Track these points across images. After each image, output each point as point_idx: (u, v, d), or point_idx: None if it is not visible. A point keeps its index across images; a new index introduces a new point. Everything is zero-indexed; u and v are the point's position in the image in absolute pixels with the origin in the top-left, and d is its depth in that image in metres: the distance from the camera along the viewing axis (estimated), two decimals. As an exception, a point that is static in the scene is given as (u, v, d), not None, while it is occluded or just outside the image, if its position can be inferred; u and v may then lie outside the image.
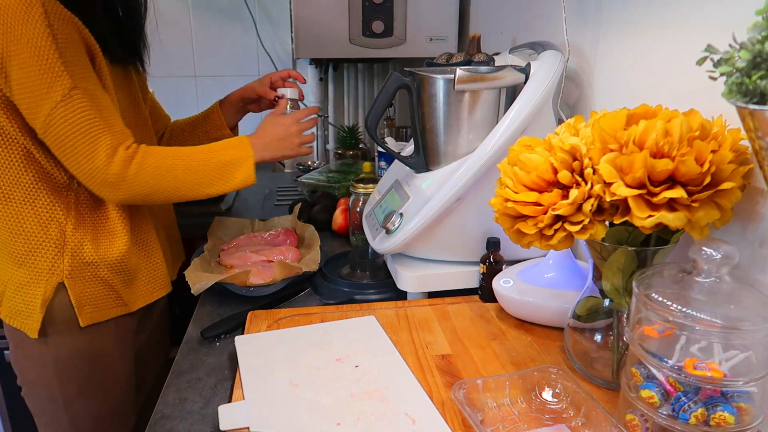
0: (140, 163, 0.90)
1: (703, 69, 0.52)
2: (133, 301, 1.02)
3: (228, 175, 0.97)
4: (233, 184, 0.97)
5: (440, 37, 1.61)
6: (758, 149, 0.52)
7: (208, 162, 0.95)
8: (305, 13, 1.53)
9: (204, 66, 2.01)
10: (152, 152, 0.92)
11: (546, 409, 0.67)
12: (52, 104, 0.84)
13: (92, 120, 0.86)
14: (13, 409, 1.54)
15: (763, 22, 0.48)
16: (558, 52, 0.94)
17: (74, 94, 0.85)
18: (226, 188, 0.97)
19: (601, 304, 0.72)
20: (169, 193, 0.94)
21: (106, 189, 0.90)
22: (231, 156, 0.97)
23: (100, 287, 0.97)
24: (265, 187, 1.81)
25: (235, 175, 0.97)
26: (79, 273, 0.95)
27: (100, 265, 0.96)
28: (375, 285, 1.06)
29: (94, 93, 0.87)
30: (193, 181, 0.94)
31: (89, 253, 0.95)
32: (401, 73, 0.95)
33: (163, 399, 0.74)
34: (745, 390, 0.54)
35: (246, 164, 0.98)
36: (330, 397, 0.70)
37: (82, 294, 0.95)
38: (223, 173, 0.96)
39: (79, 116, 0.85)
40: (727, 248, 0.55)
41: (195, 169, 0.94)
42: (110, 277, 0.98)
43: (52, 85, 0.83)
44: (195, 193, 0.95)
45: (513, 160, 0.68)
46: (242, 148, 0.99)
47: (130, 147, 0.90)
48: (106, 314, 0.99)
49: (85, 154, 0.87)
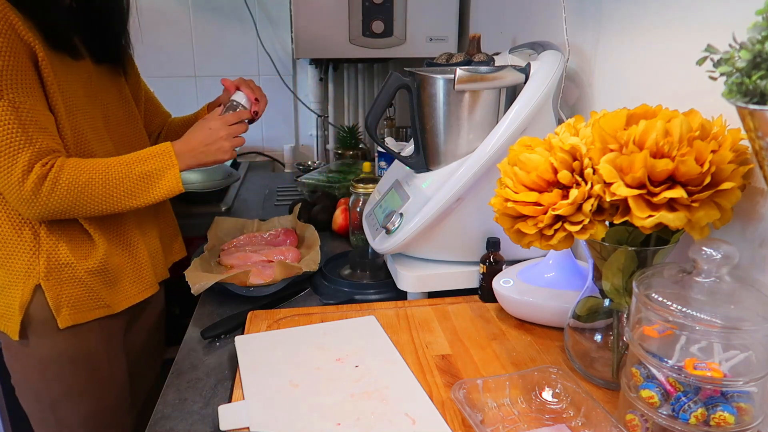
0: (54, 179, 0.87)
1: (703, 69, 0.52)
2: (117, 302, 1.01)
3: (151, 187, 0.94)
4: (158, 195, 0.95)
5: (440, 37, 1.61)
6: (758, 149, 0.52)
7: (129, 174, 0.93)
8: (305, 13, 1.53)
9: (204, 66, 2.01)
10: (68, 168, 0.88)
11: (546, 409, 0.67)
12: None
13: (12, 134, 0.84)
14: (13, 409, 1.54)
15: (763, 22, 0.48)
16: (558, 52, 0.94)
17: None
18: (150, 199, 0.95)
19: (601, 304, 0.72)
20: (89, 208, 0.91)
21: (22, 205, 0.87)
22: (153, 166, 0.94)
23: (79, 289, 0.96)
24: (265, 187, 1.81)
25: (159, 185, 0.95)
26: (56, 275, 0.94)
27: (77, 267, 0.95)
28: (375, 285, 1.06)
29: (21, 106, 0.84)
30: (111, 195, 0.92)
31: (65, 254, 0.94)
32: (401, 73, 0.95)
33: (163, 399, 0.74)
34: (745, 390, 0.54)
35: (169, 174, 0.95)
36: (330, 397, 0.70)
37: (59, 296, 0.94)
38: (146, 185, 0.94)
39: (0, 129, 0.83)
40: (727, 248, 0.55)
41: (114, 182, 0.91)
42: (89, 279, 0.96)
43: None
44: (117, 206, 0.93)
45: (513, 160, 0.68)
46: (165, 157, 0.96)
47: (48, 163, 0.87)
48: (87, 316, 0.97)
49: (3, 167, 0.85)
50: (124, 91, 1.09)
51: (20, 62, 0.84)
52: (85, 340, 0.99)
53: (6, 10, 0.82)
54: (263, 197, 1.71)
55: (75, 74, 0.95)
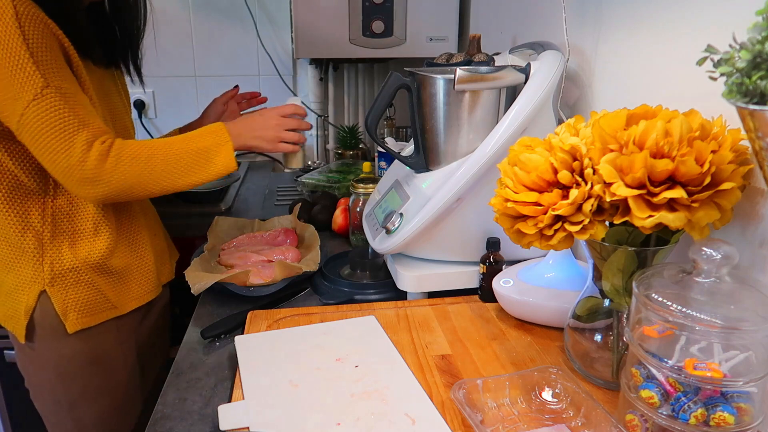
0: (117, 155, 0.87)
1: (703, 69, 0.52)
2: (125, 303, 1.02)
3: (207, 162, 0.94)
4: (214, 171, 0.95)
5: (440, 37, 1.61)
6: (758, 149, 0.52)
7: (187, 150, 0.93)
8: (305, 13, 1.53)
9: (204, 66, 2.01)
10: (129, 144, 0.90)
11: (546, 409, 0.67)
12: (25, 103, 0.83)
13: (66, 117, 0.85)
14: (13, 409, 1.54)
15: (763, 22, 0.48)
16: (558, 52, 0.94)
17: (47, 93, 0.83)
18: (207, 176, 0.95)
19: (601, 304, 0.72)
20: (150, 186, 0.91)
21: (85, 186, 0.87)
22: (208, 142, 0.95)
23: (86, 291, 0.96)
24: (265, 187, 1.81)
25: (215, 161, 0.95)
26: (61, 280, 0.94)
27: (82, 270, 0.95)
28: (375, 285, 1.06)
29: (68, 91, 0.86)
30: (172, 171, 0.92)
31: (69, 259, 0.94)
32: (401, 73, 0.95)
33: (163, 399, 0.74)
34: (744, 390, 0.54)
35: (224, 149, 0.95)
36: (330, 397, 0.70)
37: (65, 301, 0.95)
38: (202, 160, 0.94)
39: (52, 114, 0.84)
40: (727, 248, 0.55)
41: (174, 157, 0.92)
42: (95, 280, 0.97)
43: (23, 85, 0.82)
44: (176, 183, 0.93)
45: (513, 160, 0.68)
46: (219, 134, 0.96)
47: (106, 141, 0.88)
48: (96, 319, 0.98)
49: (60, 150, 0.85)
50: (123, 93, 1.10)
51: (56, 54, 0.86)
52: (100, 341, 1.00)
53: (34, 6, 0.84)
54: (263, 197, 1.71)
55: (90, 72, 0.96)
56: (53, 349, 0.97)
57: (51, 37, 0.85)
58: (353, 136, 1.92)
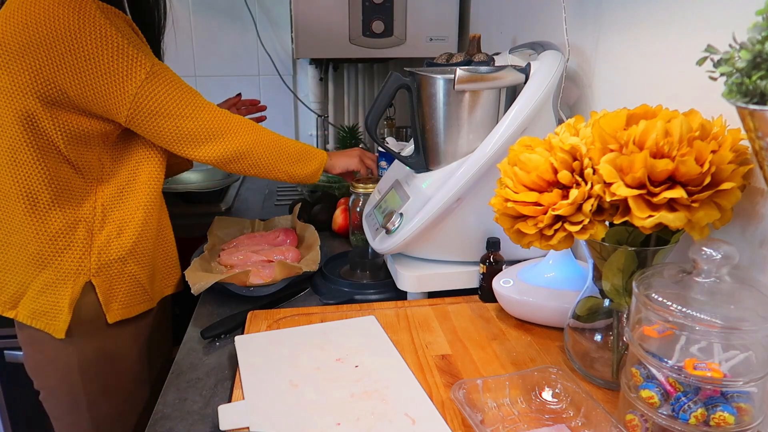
0: (238, 119, 0.99)
1: (703, 69, 0.52)
2: (155, 295, 1.05)
3: (306, 161, 1.07)
4: (307, 171, 1.07)
5: (440, 37, 1.61)
6: (758, 149, 0.52)
7: (295, 144, 1.06)
8: (305, 13, 1.53)
9: (204, 66, 2.01)
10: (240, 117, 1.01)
11: (546, 409, 0.67)
12: (138, 83, 0.88)
13: (183, 86, 0.94)
14: (13, 409, 1.54)
15: (763, 22, 0.48)
16: (558, 52, 0.94)
17: (157, 71, 0.91)
18: (301, 171, 1.06)
19: (601, 304, 0.72)
20: (259, 156, 1.01)
21: (208, 143, 0.96)
22: (310, 148, 1.09)
23: (128, 283, 0.99)
24: (265, 187, 1.81)
25: (311, 163, 1.08)
26: (107, 270, 0.97)
27: (128, 261, 0.98)
28: (375, 285, 1.06)
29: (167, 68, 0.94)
30: (279, 151, 1.03)
31: (116, 249, 0.97)
32: (401, 73, 0.95)
33: (163, 399, 0.74)
34: (744, 390, 0.54)
35: (320, 158, 1.09)
36: (330, 397, 0.70)
37: (110, 291, 0.97)
38: (303, 158, 1.07)
39: (170, 86, 0.92)
40: (727, 248, 0.55)
41: (284, 143, 1.04)
42: (137, 272, 1.00)
43: (131, 67, 0.88)
44: (277, 164, 1.03)
45: (513, 160, 0.68)
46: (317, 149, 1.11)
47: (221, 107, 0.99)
48: (133, 310, 1.01)
49: (186, 117, 0.94)
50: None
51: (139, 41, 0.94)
52: (124, 338, 1.02)
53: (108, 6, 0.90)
54: (263, 197, 1.71)
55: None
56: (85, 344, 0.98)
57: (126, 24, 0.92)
58: (353, 136, 1.91)
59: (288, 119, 2.11)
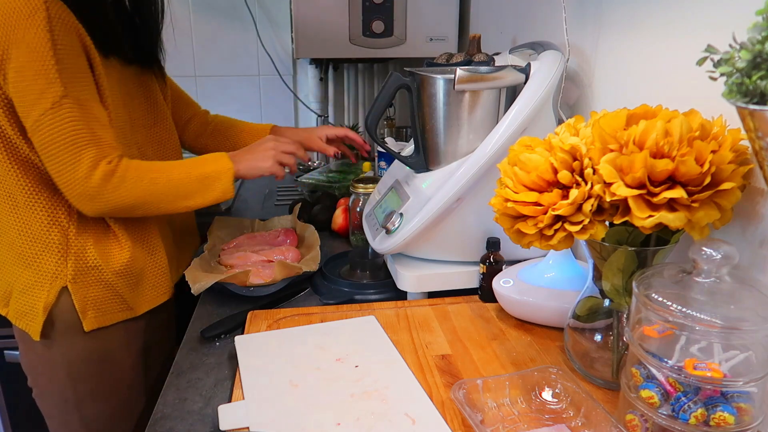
0: (122, 176, 0.89)
1: (703, 69, 0.52)
2: (139, 305, 1.03)
3: (207, 188, 0.97)
4: (212, 197, 0.98)
5: (440, 37, 1.61)
6: (758, 149, 0.52)
7: (189, 175, 0.96)
8: (305, 13, 1.53)
9: (204, 66, 2.01)
10: (133, 166, 0.91)
11: (546, 409, 0.67)
12: (41, 110, 0.84)
13: (79, 131, 0.86)
14: (13, 409, 1.54)
15: (763, 22, 0.48)
16: (558, 52, 0.94)
17: (64, 103, 0.84)
18: (205, 201, 0.97)
19: (601, 304, 0.72)
20: (148, 207, 0.94)
21: (83, 201, 0.89)
22: (211, 169, 0.98)
23: (105, 291, 0.97)
24: (265, 187, 1.81)
25: (215, 187, 0.97)
26: (83, 277, 0.95)
27: (105, 270, 0.96)
28: (375, 285, 1.06)
29: (86, 104, 0.87)
30: (172, 194, 0.95)
31: (93, 257, 0.95)
32: (401, 73, 0.95)
33: (163, 399, 0.74)
34: (744, 390, 0.54)
35: (225, 177, 0.98)
36: (330, 397, 0.70)
37: (85, 298, 0.95)
38: (203, 186, 0.97)
39: (66, 125, 0.85)
40: (727, 248, 0.55)
41: (176, 182, 0.94)
42: (115, 281, 0.98)
43: (44, 91, 0.83)
44: (174, 205, 0.96)
45: (513, 160, 0.68)
46: (221, 161, 0.99)
47: (113, 161, 0.89)
48: (111, 318, 0.99)
49: (67, 163, 0.86)
50: (152, 92, 1.10)
51: (81, 60, 0.87)
52: (111, 342, 1.00)
53: (65, 9, 0.85)
54: (263, 197, 1.71)
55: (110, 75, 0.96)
56: (66, 347, 0.97)
57: (79, 43, 0.87)
58: (353, 136, 1.91)
59: (288, 119, 2.11)
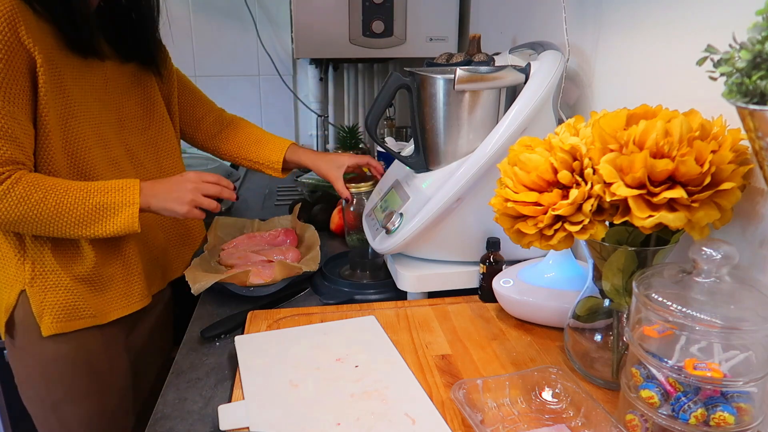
0: (6, 191, 0.83)
1: (704, 69, 0.52)
2: (105, 312, 0.98)
3: (104, 220, 0.89)
4: (110, 230, 0.89)
5: (440, 37, 1.61)
6: (758, 149, 0.52)
7: (85, 202, 0.87)
8: (305, 13, 1.53)
9: (204, 66, 2.01)
10: (25, 182, 0.85)
11: (546, 409, 0.67)
12: None
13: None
14: (13, 409, 1.54)
15: (763, 22, 0.48)
16: (558, 52, 0.94)
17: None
18: (100, 232, 0.89)
19: (601, 304, 0.72)
20: (36, 227, 0.87)
21: None
22: (112, 199, 0.89)
23: (64, 296, 0.94)
24: (265, 187, 1.81)
25: (113, 221, 0.89)
26: (41, 281, 0.93)
27: (62, 274, 0.93)
28: (375, 285, 1.06)
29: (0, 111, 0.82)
30: (62, 220, 0.87)
31: (50, 261, 0.93)
32: (401, 73, 0.95)
33: (163, 399, 0.74)
34: (744, 390, 0.54)
35: (127, 211, 0.89)
36: (330, 397, 0.70)
37: (42, 303, 0.93)
38: (99, 217, 0.88)
39: None
40: (727, 248, 0.55)
41: (67, 207, 0.87)
42: (75, 286, 0.94)
43: None
44: (65, 232, 0.88)
45: (513, 160, 0.68)
46: (128, 192, 0.90)
47: (4, 173, 0.83)
48: (71, 325, 0.95)
49: None
50: (151, 92, 1.08)
51: (11, 67, 0.82)
52: (84, 344, 0.98)
53: (14, 10, 0.81)
54: (263, 197, 1.72)
55: (86, 78, 0.94)
56: (33, 349, 0.97)
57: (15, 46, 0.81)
58: (353, 136, 1.92)
59: (288, 119, 2.11)
